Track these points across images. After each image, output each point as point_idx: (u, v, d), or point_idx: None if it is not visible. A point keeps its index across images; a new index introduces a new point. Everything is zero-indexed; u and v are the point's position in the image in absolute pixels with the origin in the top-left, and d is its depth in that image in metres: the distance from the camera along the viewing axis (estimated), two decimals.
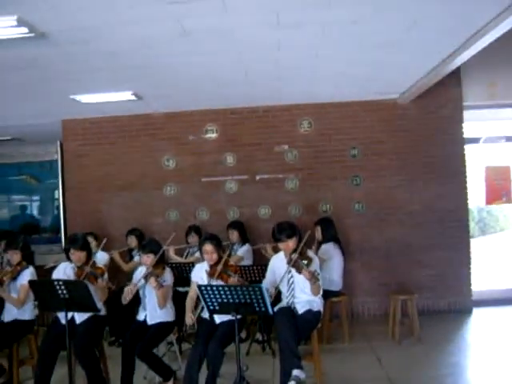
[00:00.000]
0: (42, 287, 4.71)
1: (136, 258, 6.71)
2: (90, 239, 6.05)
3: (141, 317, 5.21)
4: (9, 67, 5.03)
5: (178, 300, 5.39)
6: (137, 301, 5.32)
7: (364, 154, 7.63)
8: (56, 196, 8.58)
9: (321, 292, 4.92)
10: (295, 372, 4.43)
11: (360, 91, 7.12)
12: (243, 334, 6.36)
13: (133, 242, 7.03)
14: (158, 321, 5.12)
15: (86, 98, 6.53)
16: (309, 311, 4.89)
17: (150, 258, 5.09)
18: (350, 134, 7.66)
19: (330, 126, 7.69)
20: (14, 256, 5.36)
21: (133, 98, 6.56)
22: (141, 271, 5.21)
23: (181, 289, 5.93)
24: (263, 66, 5.60)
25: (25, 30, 3.96)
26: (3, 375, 5.34)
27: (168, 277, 5.17)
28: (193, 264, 5.90)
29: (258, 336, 6.26)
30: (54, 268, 5.37)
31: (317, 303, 4.96)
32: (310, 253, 4.95)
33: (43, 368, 4.89)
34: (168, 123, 7.78)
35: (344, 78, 6.33)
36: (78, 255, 4.99)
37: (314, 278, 4.61)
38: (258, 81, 6.26)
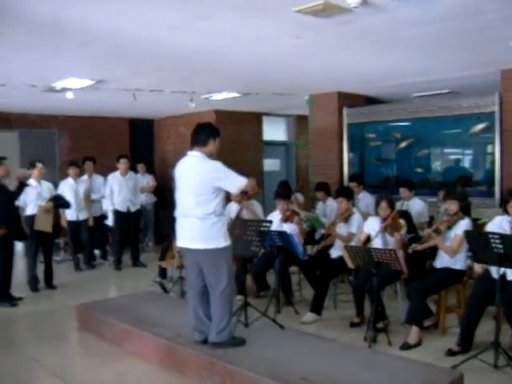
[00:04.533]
0: (477, 239, 4.69)
1: None
2: None
3: None
4: (451, 16, 5.02)
5: None
6: None
7: None
8: (488, 150, 8.35)
9: None
10: None
11: None
12: None
13: None
14: None
15: None
16: None
17: None
18: None
19: None
20: (452, 206, 5.45)
21: None
22: None
23: None
24: None
25: None
26: (430, 318, 5.58)
27: None
28: None
29: None
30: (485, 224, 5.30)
31: None
32: None
33: (470, 319, 4.92)
34: None
35: None
36: None
37: None
38: None
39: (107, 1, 4.36)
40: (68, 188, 9.13)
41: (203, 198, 4.32)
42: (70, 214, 8.95)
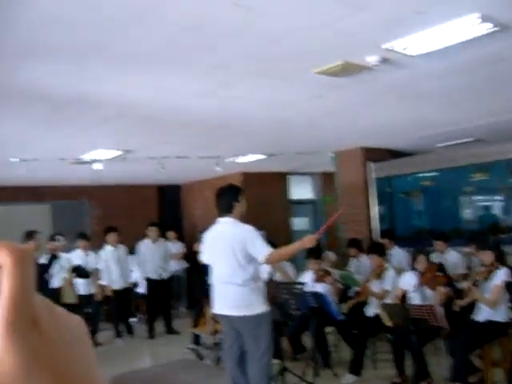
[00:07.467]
0: None
1: None
2: None
3: None
4: (474, 66, 5.02)
5: None
6: None
7: None
8: None
9: None
10: None
11: None
12: None
13: None
14: None
15: None
16: None
17: None
18: None
19: None
20: (486, 256, 5.32)
21: None
22: None
23: None
24: None
25: (489, 25, 3.90)
26: (477, 374, 5.37)
27: None
28: None
29: None
30: None
31: None
32: None
33: None
34: None
35: None
36: None
37: None
38: None
39: (132, 75, 4.49)
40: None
41: (241, 264, 4.30)
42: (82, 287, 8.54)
